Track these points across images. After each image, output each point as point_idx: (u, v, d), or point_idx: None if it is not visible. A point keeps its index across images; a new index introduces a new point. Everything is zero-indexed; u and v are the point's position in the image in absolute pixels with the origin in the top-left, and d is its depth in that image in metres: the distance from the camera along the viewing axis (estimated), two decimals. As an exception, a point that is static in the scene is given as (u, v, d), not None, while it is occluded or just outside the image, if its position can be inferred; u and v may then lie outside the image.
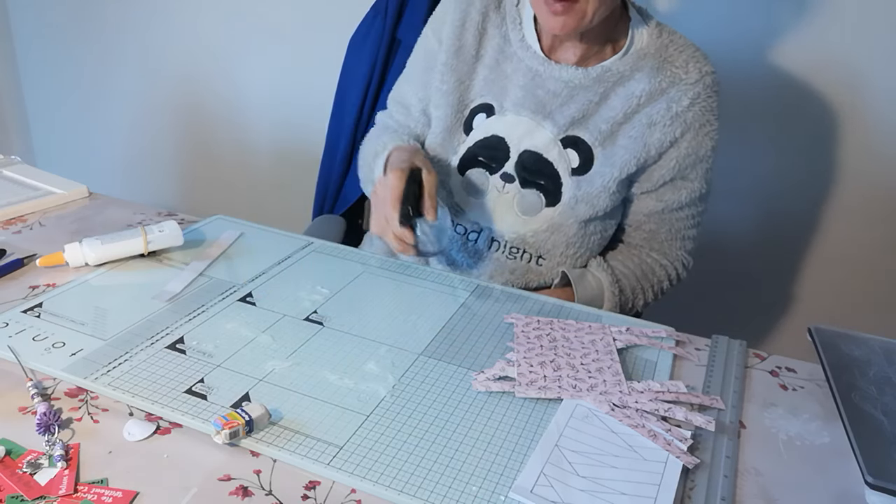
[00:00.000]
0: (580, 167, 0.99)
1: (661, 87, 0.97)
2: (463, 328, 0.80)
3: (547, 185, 1.00)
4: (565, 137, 0.99)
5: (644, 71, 0.98)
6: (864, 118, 1.39)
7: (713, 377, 0.74)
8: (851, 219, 1.47)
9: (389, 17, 1.30)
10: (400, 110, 1.13)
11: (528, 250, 1.03)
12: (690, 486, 0.60)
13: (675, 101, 0.97)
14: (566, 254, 1.02)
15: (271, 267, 0.90)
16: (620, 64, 0.98)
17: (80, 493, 0.55)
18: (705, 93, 0.97)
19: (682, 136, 0.98)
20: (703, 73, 0.98)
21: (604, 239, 1.05)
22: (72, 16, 2.09)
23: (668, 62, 0.98)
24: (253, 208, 2.00)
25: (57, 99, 2.26)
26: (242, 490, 0.56)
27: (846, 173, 1.44)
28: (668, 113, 0.97)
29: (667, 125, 0.97)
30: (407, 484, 0.57)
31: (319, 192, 1.46)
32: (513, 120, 1.00)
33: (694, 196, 1.02)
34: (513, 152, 1.00)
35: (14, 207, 1.01)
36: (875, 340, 0.80)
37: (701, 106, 0.97)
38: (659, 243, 1.06)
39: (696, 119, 0.97)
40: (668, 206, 1.02)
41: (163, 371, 0.68)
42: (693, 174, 1.00)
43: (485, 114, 1.02)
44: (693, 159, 0.99)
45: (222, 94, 1.98)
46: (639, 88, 0.97)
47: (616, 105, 0.98)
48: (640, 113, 0.97)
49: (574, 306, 0.87)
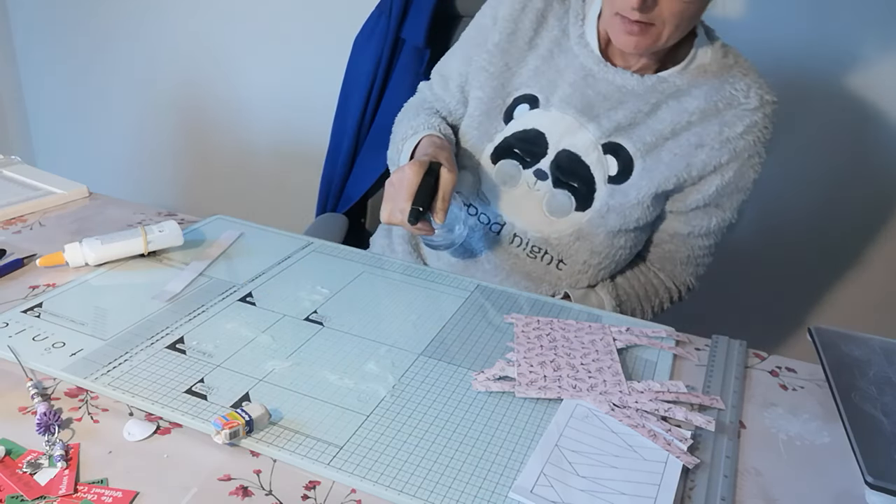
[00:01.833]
0: (618, 176, 0.96)
1: (717, 107, 0.93)
2: (463, 328, 0.80)
3: (580, 189, 0.97)
4: (607, 143, 0.95)
5: (701, 88, 0.94)
6: (864, 118, 1.39)
7: (713, 377, 0.74)
8: (851, 219, 1.47)
9: (394, 17, 1.30)
10: (439, 82, 1.09)
11: (550, 252, 1.00)
12: (690, 486, 0.60)
13: (728, 125, 0.92)
14: (589, 262, 0.99)
15: (271, 267, 0.90)
16: (678, 77, 0.95)
17: (80, 493, 0.55)
18: (762, 122, 0.93)
19: (727, 163, 0.93)
20: (765, 101, 0.93)
21: (631, 255, 1.02)
22: (72, 15, 2.09)
23: (729, 83, 0.93)
24: (253, 208, 2.00)
25: (57, 99, 2.26)
26: (242, 490, 0.56)
27: (846, 173, 1.45)
28: (718, 136, 0.93)
29: (715, 149, 0.93)
30: (407, 484, 0.57)
31: (322, 190, 1.47)
32: (557, 116, 0.97)
33: (723, 226, 0.99)
34: (551, 149, 0.97)
35: (14, 207, 1.01)
36: (875, 340, 0.80)
37: (755, 136, 0.93)
38: (672, 265, 1.04)
39: (746, 149, 0.93)
40: (694, 231, 0.99)
41: (163, 371, 0.68)
42: (728, 203, 0.97)
43: (528, 105, 0.99)
44: (732, 189, 0.95)
45: (223, 93, 1.98)
46: (692, 105, 0.93)
47: (665, 118, 0.94)
48: (690, 131, 0.93)
49: (574, 306, 0.87)
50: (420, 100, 1.12)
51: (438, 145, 0.95)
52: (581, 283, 1.01)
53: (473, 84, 1.03)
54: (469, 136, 1.03)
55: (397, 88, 1.34)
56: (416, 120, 1.03)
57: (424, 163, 0.88)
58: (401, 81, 1.34)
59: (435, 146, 0.94)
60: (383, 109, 1.37)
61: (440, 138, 0.98)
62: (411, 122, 1.03)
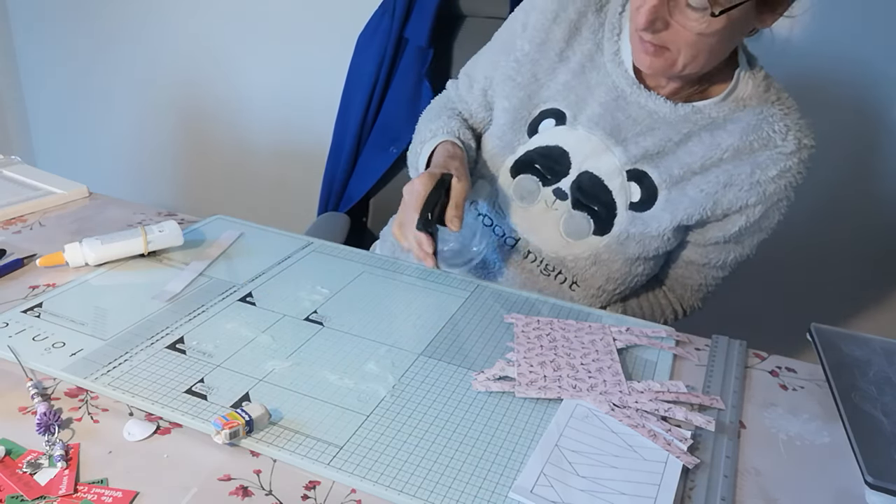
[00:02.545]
0: (640, 203, 0.93)
1: (752, 147, 0.88)
2: (463, 328, 0.80)
3: (600, 212, 0.94)
4: (633, 170, 0.92)
5: (738, 123, 0.89)
6: (865, 118, 1.39)
7: (713, 377, 0.74)
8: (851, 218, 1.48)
9: (397, 17, 1.30)
10: (465, 82, 1.07)
11: (564, 272, 0.97)
12: (690, 486, 0.60)
13: (761, 167, 0.88)
14: (605, 288, 0.96)
15: (271, 267, 0.90)
16: (714, 109, 0.90)
17: (80, 493, 0.55)
18: (797, 168, 0.89)
19: (755, 205, 0.90)
20: (803, 145, 0.88)
21: (646, 280, 1.00)
22: (72, 16, 2.10)
23: (768, 123, 0.88)
24: (253, 208, 2.00)
25: (57, 99, 2.26)
26: (242, 490, 0.56)
27: (846, 173, 1.45)
28: (750, 178, 0.88)
29: (744, 189, 0.89)
30: (407, 484, 0.57)
31: (324, 190, 1.47)
32: (583, 136, 0.93)
33: (740, 261, 0.98)
34: (573, 169, 0.94)
35: (14, 207, 1.01)
36: (875, 340, 0.80)
37: (787, 181, 0.89)
38: (683, 290, 1.03)
39: (776, 193, 0.89)
40: (710, 263, 0.98)
41: (163, 371, 0.68)
42: (748, 241, 0.95)
43: (554, 120, 0.95)
44: (755, 229, 0.93)
45: (223, 93, 1.98)
46: (726, 141, 0.89)
47: (696, 151, 0.90)
48: (720, 168, 0.89)
49: (574, 306, 0.87)
50: (445, 99, 1.10)
51: (451, 154, 0.93)
52: (594, 305, 0.99)
53: (499, 93, 0.99)
54: (491, 146, 1.00)
55: (400, 88, 1.35)
56: (437, 123, 1.01)
57: (435, 175, 0.86)
58: (404, 81, 1.34)
59: (447, 155, 0.93)
60: (386, 109, 1.37)
61: (454, 145, 0.96)
62: (430, 126, 1.01)
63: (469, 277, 0.92)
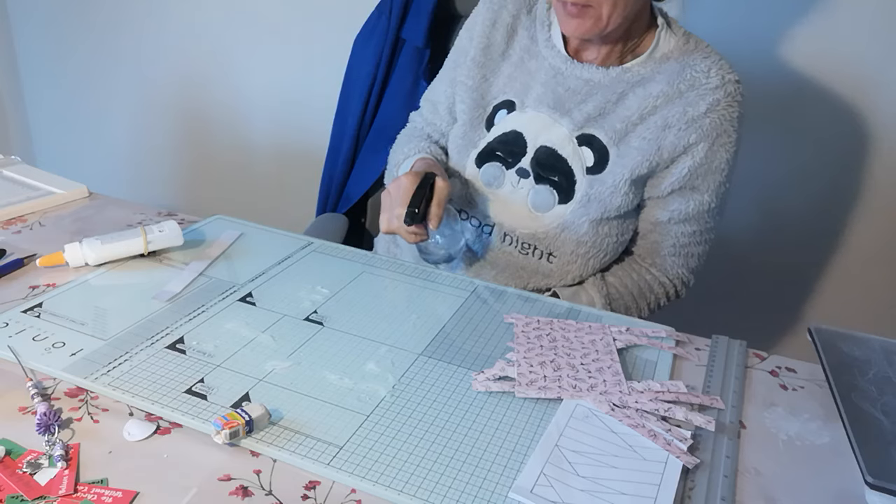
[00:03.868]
0: (595, 166, 0.99)
1: (679, 89, 0.95)
2: (463, 328, 0.80)
3: (560, 182, 1.00)
4: (581, 135, 0.99)
5: (665, 74, 0.97)
6: (865, 118, 1.39)
7: (713, 377, 0.74)
8: (852, 219, 1.48)
9: (394, 17, 1.30)
10: (429, 108, 1.16)
11: (539, 247, 1.03)
12: (690, 486, 0.60)
13: (691, 104, 0.95)
14: (577, 252, 1.01)
15: (271, 267, 0.90)
16: (642, 67, 0.98)
17: (80, 493, 0.55)
18: (725, 100, 0.94)
19: (696, 143, 0.95)
20: (726, 80, 0.95)
21: (619, 244, 1.04)
22: (72, 15, 2.09)
23: (690, 66, 0.96)
24: (253, 208, 2.00)
25: (57, 99, 2.26)
26: (242, 490, 0.56)
27: (846, 173, 1.45)
28: (683, 117, 0.95)
29: (681, 129, 0.95)
30: (407, 484, 0.57)
31: (323, 190, 1.47)
32: (532, 116, 1.02)
33: (702, 209, 0.99)
34: (530, 148, 1.01)
35: (14, 207, 1.01)
36: (875, 340, 0.80)
37: (719, 114, 0.94)
38: (661, 258, 1.05)
39: (713, 128, 0.95)
40: (674, 216, 1.00)
41: (163, 371, 0.68)
42: (703, 185, 0.98)
43: (506, 110, 1.04)
44: (705, 169, 0.97)
45: (223, 93, 1.98)
46: (657, 89, 0.96)
47: (632, 105, 0.97)
48: (656, 114, 0.96)
49: (574, 306, 0.87)
50: (412, 129, 1.19)
51: (431, 164, 1.02)
52: (572, 273, 1.03)
53: (457, 98, 1.08)
54: (455, 146, 1.08)
55: (397, 88, 1.35)
56: (409, 146, 1.12)
57: (419, 173, 0.93)
58: (401, 81, 1.34)
59: (428, 164, 1.01)
60: (383, 109, 1.37)
61: (432, 159, 1.06)
62: (404, 149, 1.12)
63: (466, 276, 0.92)
